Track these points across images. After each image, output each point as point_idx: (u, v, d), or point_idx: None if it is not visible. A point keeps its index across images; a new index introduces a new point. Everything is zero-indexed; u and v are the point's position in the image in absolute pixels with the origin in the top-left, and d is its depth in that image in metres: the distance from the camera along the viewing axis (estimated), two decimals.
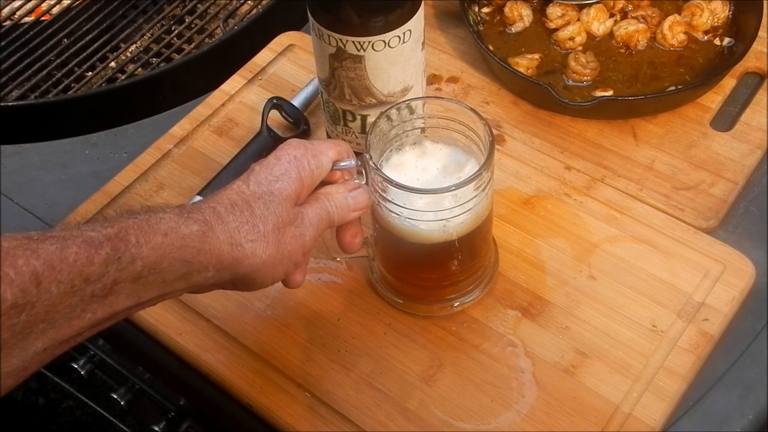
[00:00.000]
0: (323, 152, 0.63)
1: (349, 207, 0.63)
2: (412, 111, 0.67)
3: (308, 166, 0.62)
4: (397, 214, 0.64)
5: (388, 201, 0.64)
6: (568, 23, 0.89)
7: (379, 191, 0.64)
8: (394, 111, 0.66)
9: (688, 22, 0.89)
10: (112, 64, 1.05)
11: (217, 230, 0.56)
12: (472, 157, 0.67)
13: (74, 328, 0.49)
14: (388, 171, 0.66)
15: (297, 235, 0.60)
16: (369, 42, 0.67)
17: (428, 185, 0.66)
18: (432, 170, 0.67)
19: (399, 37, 0.68)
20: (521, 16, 0.91)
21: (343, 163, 0.64)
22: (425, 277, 0.71)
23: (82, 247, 0.49)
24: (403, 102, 0.66)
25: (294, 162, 0.61)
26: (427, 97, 0.75)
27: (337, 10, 0.67)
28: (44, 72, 1.03)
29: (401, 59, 0.70)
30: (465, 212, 0.64)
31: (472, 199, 0.63)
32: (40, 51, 1.05)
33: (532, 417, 0.65)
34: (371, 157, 0.63)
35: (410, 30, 0.68)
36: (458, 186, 0.62)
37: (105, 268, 0.49)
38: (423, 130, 0.68)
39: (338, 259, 0.73)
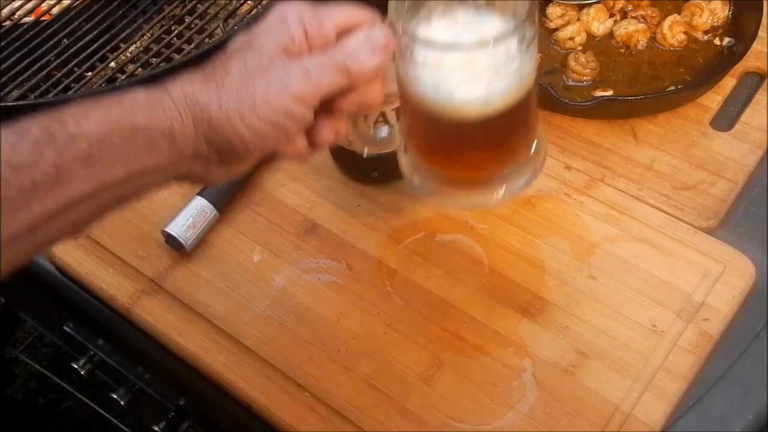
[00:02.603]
0: (327, 14, 0.55)
1: (366, 49, 0.54)
2: None
3: (302, 24, 0.54)
4: (429, 84, 0.56)
5: (418, 66, 0.55)
6: (568, 23, 0.89)
7: (408, 56, 0.56)
8: None
9: (688, 22, 0.89)
10: (112, 64, 1.05)
11: (169, 90, 0.52)
12: (510, 22, 0.58)
13: (21, 223, 0.46)
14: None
15: (272, 81, 0.52)
16: None
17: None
18: (465, 39, 0.58)
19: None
20: None
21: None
22: (464, 162, 0.63)
23: (6, 135, 0.46)
24: None
25: (282, 17, 0.54)
26: None
27: None
28: (44, 72, 1.03)
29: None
30: (505, 77, 0.55)
31: (512, 58, 0.54)
32: (40, 51, 1.05)
33: (532, 417, 0.65)
34: (396, 16, 0.55)
35: None
36: (497, 40, 0.53)
37: (37, 152, 0.46)
38: None
39: (365, 153, 0.66)
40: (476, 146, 0.61)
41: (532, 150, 0.64)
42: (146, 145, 0.50)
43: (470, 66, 0.55)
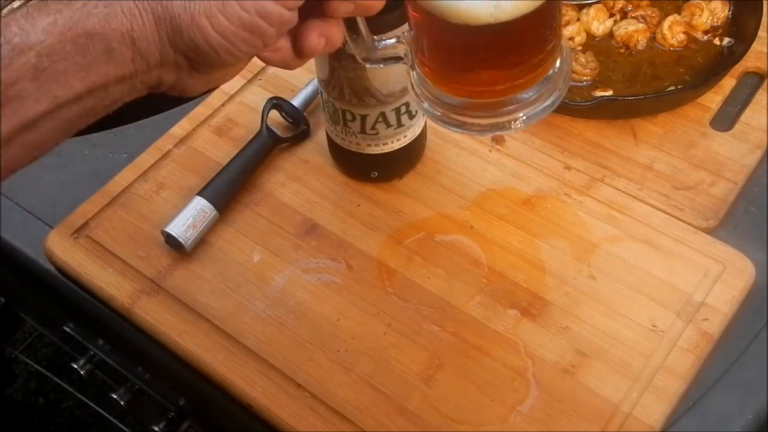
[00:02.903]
0: None
1: None
2: None
3: None
4: None
5: None
6: (567, 23, 0.89)
7: None
8: None
9: (688, 22, 0.89)
10: None
11: None
12: None
13: None
14: None
15: None
16: None
17: None
18: None
19: (398, 36, 0.68)
20: None
21: None
22: (474, 79, 0.57)
23: None
24: None
25: None
26: None
27: None
28: None
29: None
30: None
31: None
32: None
33: (532, 417, 0.65)
34: None
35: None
36: None
37: None
38: None
39: (367, 64, 0.59)
40: (487, 60, 0.55)
41: (554, 69, 0.57)
42: (104, 52, 0.44)
43: None
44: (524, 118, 0.56)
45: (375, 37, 0.57)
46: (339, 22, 0.51)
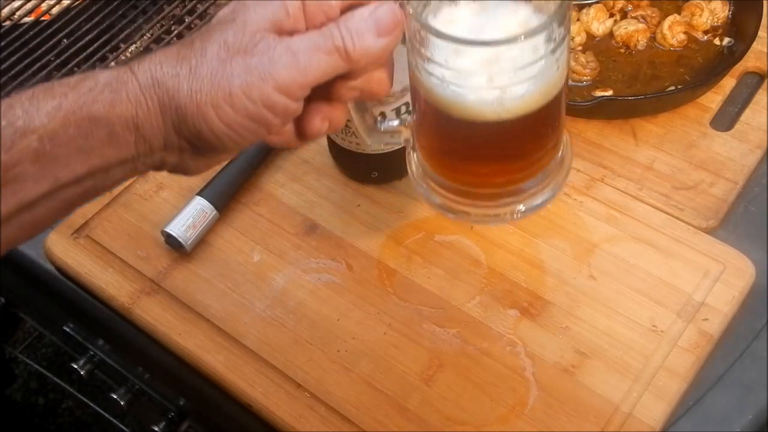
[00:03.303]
0: None
1: (370, 28, 0.47)
2: None
3: None
4: (439, 78, 0.50)
5: (428, 59, 0.50)
6: None
7: (417, 46, 0.50)
8: None
9: (688, 22, 0.89)
10: (112, 64, 1.05)
11: (135, 71, 0.45)
12: (544, 17, 0.52)
13: None
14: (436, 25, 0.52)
15: (253, 65, 0.45)
16: None
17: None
18: (490, 31, 0.53)
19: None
20: None
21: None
22: (475, 171, 0.57)
23: None
24: None
25: None
26: None
27: None
28: (44, 72, 1.03)
29: (401, 59, 0.69)
30: (527, 80, 0.50)
31: (537, 62, 0.49)
32: (40, 51, 1.05)
33: (532, 417, 0.65)
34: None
35: None
36: (515, 40, 0.47)
37: None
38: None
39: (370, 147, 0.59)
40: (489, 154, 0.56)
41: (555, 160, 0.58)
42: (107, 136, 0.45)
43: (488, 63, 0.49)
44: (523, 209, 0.57)
45: (378, 118, 0.57)
46: (343, 106, 0.51)
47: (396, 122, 0.58)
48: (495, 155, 0.56)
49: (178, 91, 0.45)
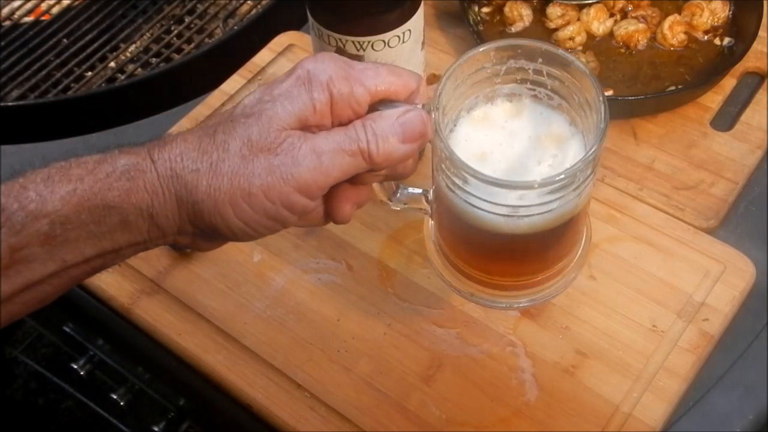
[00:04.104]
0: (362, 79, 0.47)
1: (396, 133, 0.47)
2: (524, 54, 0.51)
3: (328, 90, 0.46)
4: (455, 192, 0.51)
5: (448, 174, 0.50)
6: (568, 23, 0.89)
7: (439, 155, 0.50)
8: (489, 48, 0.51)
9: (688, 22, 0.89)
10: (112, 64, 1.05)
11: (155, 159, 0.45)
12: (578, 132, 0.53)
13: None
14: (468, 124, 0.53)
15: (275, 165, 0.45)
16: (368, 42, 0.67)
17: (512, 156, 0.51)
18: (522, 137, 0.53)
19: (398, 36, 0.68)
20: (521, 16, 0.91)
21: (396, 107, 0.47)
22: (486, 267, 0.58)
23: None
24: (512, 42, 0.52)
25: (306, 80, 0.46)
26: (544, 43, 0.54)
27: (337, 9, 0.67)
28: (44, 72, 1.03)
29: (401, 59, 0.69)
30: (544, 212, 0.51)
31: (556, 199, 0.49)
32: (39, 51, 1.05)
33: (532, 417, 0.65)
34: (436, 108, 0.48)
35: (410, 30, 0.68)
36: (535, 185, 0.48)
37: None
38: (527, 81, 0.53)
39: (392, 206, 0.57)
40: (503, 257, 0.56)
41: (571, 261, 0.59)
42: (120, 224, 0.44)
43: (504, 192, 0.49)
44: (533, 300, 0.58)
45: (401, 185, 0.57)
46: (369, 186, 0.52)
47: (417, 191, 0.57)
48: (508, 259, 0.56)
49: (197, 187, 0.45)
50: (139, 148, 0.46)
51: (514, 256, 0.56)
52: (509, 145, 0.52)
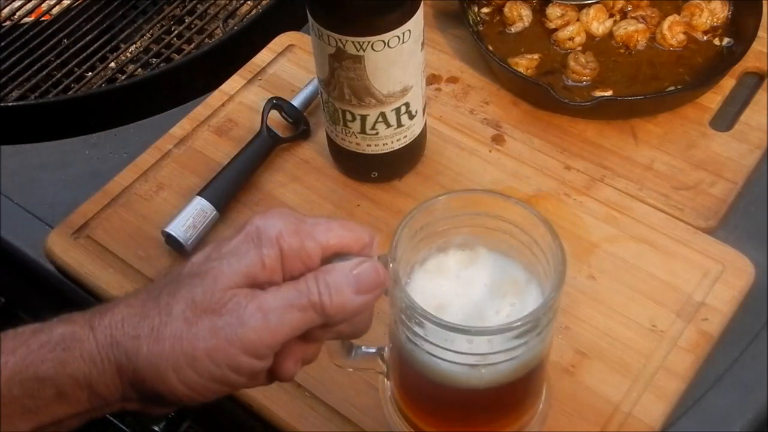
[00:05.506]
0: (312, 235, 0.46)
1: (350, 286, 0.46)
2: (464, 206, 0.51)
3: (277, 245, 0.45)
4: (414, 343, 0.50)
5: (403, 323, 0.50)
6: (567, 23, 0.89)
7: (397, 305, 0.50)
8: (442, 200, 0.51)
9: (688, 22, 0.89)
10: (112, 64, 1.05)
11: (95, 327, 0.44)
12: (534, 278, 0.53)
13: None
14: (423, 276, 0.53)
15: (220, 327, 0.43)
16: (368, 42, 0.67)
17: (469, 305, 0.51)
18: (478, 285, 0.53)
19: (398, 37, 0.68)
20: (521, 16, 0.91)
21: (350, 260, 0.47)
22: (442, 425, 0.59)
23: None
24: (457, 192, 0.53)
25: (255, 237, 0.45)
26: (496, 193, 0.56)
27: (337, 10, 0.67)
28: (44, 72, 1.03)
29: (401, 59, 0.70)
30: (506, 360, 0.50)
31: (518, 346, 0.49)
32: (40, 51, 1.05)
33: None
34: (393, 259, 0.49)
35: (410, 30, 0.68)
36: (495, 332, 0.47)
37: None
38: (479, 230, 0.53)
39: (346, 368, 0.58)
40: (459, 415, 0.56)
41: (531, 417, 0.59)
42: (56, 396, 0.43)
43: (467, 339, 0.48)
44: None
45: (353, 345, 0.56)
46: (319, 344, 0.49)
47: (371, 349, 0.56)
48: (464, 416, 0.55)
49: (137, 354, 0.43)
50: (80, 315, 0.45)
51: (477, 416, 0.55)
52: (465, 296, 0.52)
